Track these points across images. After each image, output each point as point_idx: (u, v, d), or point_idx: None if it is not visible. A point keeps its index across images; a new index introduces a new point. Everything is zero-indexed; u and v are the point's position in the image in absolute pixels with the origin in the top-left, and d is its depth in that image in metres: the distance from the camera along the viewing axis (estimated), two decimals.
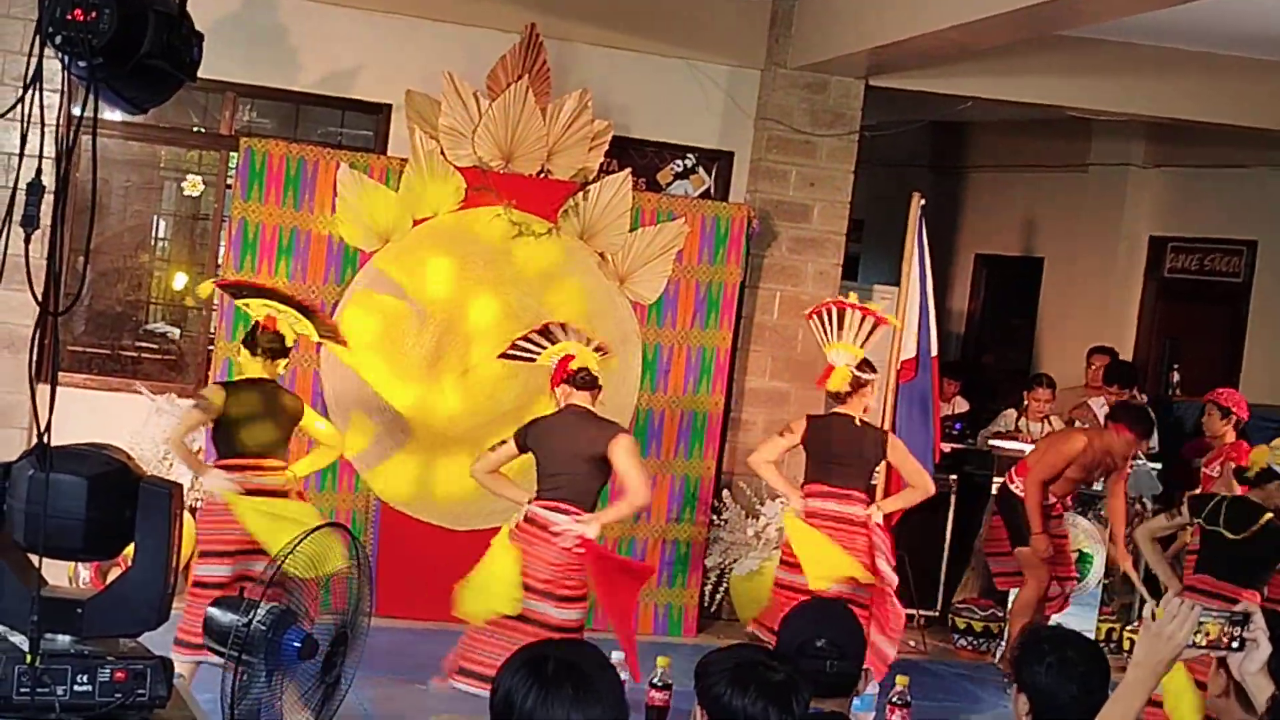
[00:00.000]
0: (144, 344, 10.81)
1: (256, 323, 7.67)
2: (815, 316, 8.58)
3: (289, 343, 7.64)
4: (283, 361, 7.69)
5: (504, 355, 8.07)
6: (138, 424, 9.59)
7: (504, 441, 7.67)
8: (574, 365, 7.57)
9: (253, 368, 7.62)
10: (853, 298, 8.70)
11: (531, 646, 3.09)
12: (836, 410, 8.48)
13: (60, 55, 2.99)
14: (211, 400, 7.53)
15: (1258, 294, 13.18)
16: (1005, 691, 3.99)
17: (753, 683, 3.47)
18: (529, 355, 7.84)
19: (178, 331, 10.85)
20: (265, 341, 7.60)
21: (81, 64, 2.94)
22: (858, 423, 8.38)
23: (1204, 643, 3.44)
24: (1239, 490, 8.25)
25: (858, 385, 8.38)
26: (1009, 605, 10.44)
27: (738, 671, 3.51)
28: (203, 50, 3.16)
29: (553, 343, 7.72)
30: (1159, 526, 8.55)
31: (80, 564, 7.88)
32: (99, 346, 10.57)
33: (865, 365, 8.43)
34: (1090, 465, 9.98)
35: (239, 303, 7.89)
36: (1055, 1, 8.08)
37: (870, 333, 8.45)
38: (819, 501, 8.36)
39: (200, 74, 3.25)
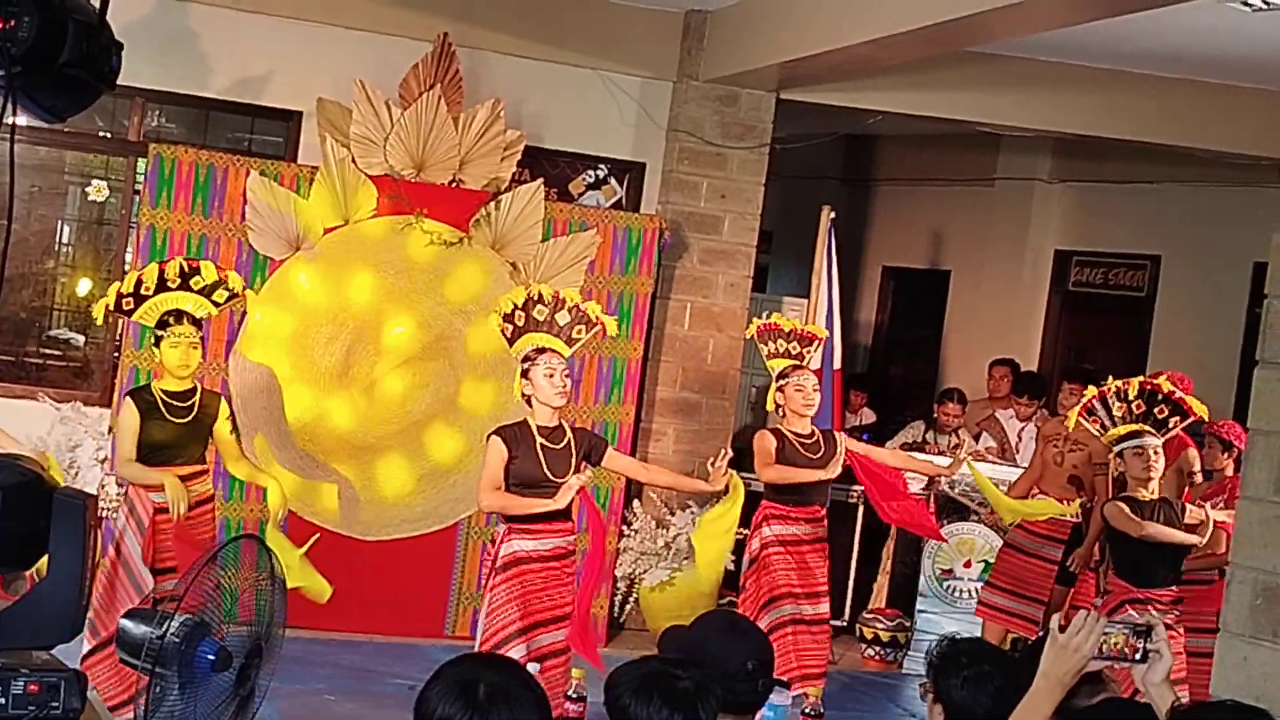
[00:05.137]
0: (48, 351, 10.68)
1: None
2: (762, 335, 8.74)
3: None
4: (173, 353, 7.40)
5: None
6: (42, 432, 9.46)
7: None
8: None
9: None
10: (775, 317, 8.84)
11: (458, 666, 3.09)
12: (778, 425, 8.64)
13: None
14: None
15: (1161, 307, 13.36)
16: (922, 700, 4.01)
17: (657, 691, 3.44)
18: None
19: (82, 338, 10.72)
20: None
21: (0, 72, 2.92)
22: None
23: (1109, 654, 3.50)
24: None
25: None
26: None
27: (644, 681, 3.48)
28: (121, 59, 3.14)
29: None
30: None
31: None
32: (2, 354, 10.43)
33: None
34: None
35: (134, 318, 7.64)
36: (964, 18, 8.15)
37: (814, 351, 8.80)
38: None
39: None
